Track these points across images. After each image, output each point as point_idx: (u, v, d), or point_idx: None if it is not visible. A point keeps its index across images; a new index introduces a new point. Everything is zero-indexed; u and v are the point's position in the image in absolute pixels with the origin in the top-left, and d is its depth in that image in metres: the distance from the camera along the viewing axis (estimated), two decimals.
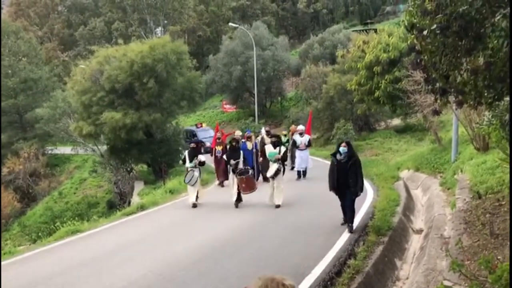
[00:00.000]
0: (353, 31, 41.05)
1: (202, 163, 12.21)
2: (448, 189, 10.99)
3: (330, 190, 8.60)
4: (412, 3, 5.61)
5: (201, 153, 12.41)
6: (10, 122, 41.07)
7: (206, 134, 29.55)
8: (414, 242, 8.58)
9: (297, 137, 15.83)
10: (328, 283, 6.08)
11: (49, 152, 40.58)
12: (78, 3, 60.11)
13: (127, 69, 24.32)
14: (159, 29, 54.41)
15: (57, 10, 63.93)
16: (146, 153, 26.14)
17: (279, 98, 41.52)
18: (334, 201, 8.93)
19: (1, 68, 37.81)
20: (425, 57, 5.71)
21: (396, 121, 28.21)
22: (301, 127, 16.36)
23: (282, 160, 11.37)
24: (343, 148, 8.37)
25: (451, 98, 6.98)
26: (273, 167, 11.15)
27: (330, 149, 24.30)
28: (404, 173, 16.06)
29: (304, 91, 32.79)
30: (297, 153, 15.75)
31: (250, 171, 11.49)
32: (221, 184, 15.43)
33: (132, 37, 45.30)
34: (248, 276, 6.24)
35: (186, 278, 6.59)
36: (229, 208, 11.45)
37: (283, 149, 11.48)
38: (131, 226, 10.73)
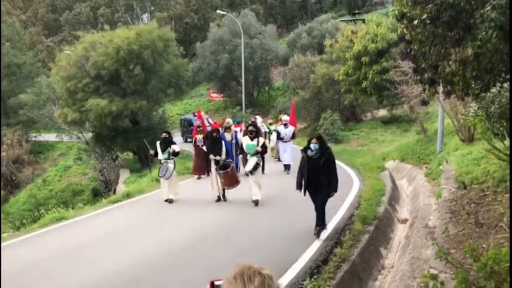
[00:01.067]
0: (342, 21, 41.07)
1: (176, 154, 11.23)
2: (433, 179, 11.10)
3: (297, 188, 7.69)
4: None
5: (173, 143, 11.37)
6: None
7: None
8: (399, 232, 8.67)
9: (281, 128, 15.14)
10: (315, 271, 6.11)
11: (33, 138, 40.00)
12: None
13: (113, 56, 23.99)
14: (145, 16, 53.82)
15: None
16: (132, 141, 25.90)
17: (267, 88, 41.43)
18: None
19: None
20: (415, 47, 5.72)
21: (383, 112, 28.41)
22: (285, 118, 15.60)
23: (262, 153, 10.42)
24: (314, 145, 7.41)
25: (439, 89, 7.03)
26: (251, 161, 10.16)
27: None
28: (389, 164, 16.22)
29: (291, 80, 32.79)
30: (281, 145, 15.22)
31: (232, 165, 10.58)
32: (199, 177, 14.63)
33: (119, 23, 44.70)
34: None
35: (174, 265, 6.57)
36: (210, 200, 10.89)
37: (261, 140, 10.41)
38: (117, 214, 10.66)
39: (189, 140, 25.17)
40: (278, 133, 15.15)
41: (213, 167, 10.81)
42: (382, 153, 19.11)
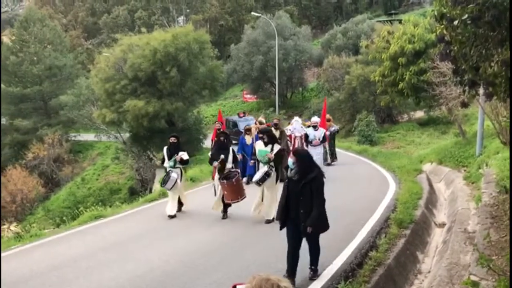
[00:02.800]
0: (377, 21, 40.51)
1: (184, 162, 9.95)
2: (472, 183, 10.80)
3: (276, 219, 6.21)
4: None
5: (181, 150, 10.07)
6: (35, 108, 41.86)
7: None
8: (437, 236, 8.48)
9: (310, 131, 13.66)
10: (350, 274, 6.06)
11: (73, 138, 41.28)
12: None
13: (150, 58, 24.52)
14: (181, 18, 54.54)
15: None
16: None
17: (300, 89, 41.31)
18: (353, 209, 8.84)
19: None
20: (455, 48, 5.59)
21: (419, 114, 27.83)
22: (315, 119, 14.15)
23: (276, 161, 8.63)
24: (290, 161, 5.79)
25: (480, 90, 6.84)
26: (261, 170, 8.77)
27: (351, 141, 24.22)
28: (426, 166, 15.86)
29: (326, 81, 32.56)
30: (310, 150, 12.79)
31: (238, 175, 9.06)
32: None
33: (155, 26, 45.48)
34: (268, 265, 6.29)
35: (207, 265, 6.65)
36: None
37: (276, 147, 8.71)
38: (153, 212, 10.84)
39: (233, 142, 25.23)
40: (307, 137, 13.54)
41: (216, 175, 9.45)
42: (418, 155, 18.71)
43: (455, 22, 5.21)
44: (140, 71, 24.48)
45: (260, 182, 8.49)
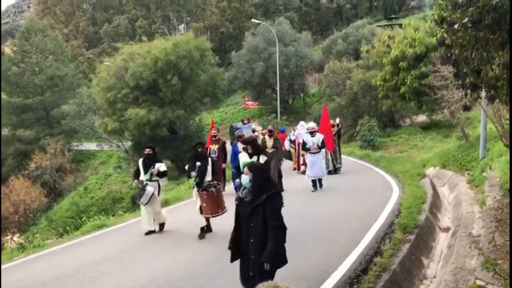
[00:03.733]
0: (378, 26, 40.61)
1: (161, 174, 9.16)
2: (476, 186, 10.74)
3: (228, 248, 5.06)
4: None
5: (159, 161, 9.27)
6: (37, 118, 42.05)
7: None
8: (441, 241, 8.42)
9: (307, 137, 12.49)
10: (355, 280, 6.01)
11: (75, 148, 41.41)
12: (103, 0, 61.02)
13: (151, 66, 24.61)
14: (182, 26, 54.86)
15: (82, 8, 65.18)
16: (170, 149, 26.40)
17: (302, 95, 41.37)
18: (357, 215, 8.78)
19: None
20: (456, 52, 5.58)
21: (422, 118, 27.78)
22: (311, 125, 12.99)
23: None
24: (244, 177, 4.77)
25: (482, 93, 6.82)
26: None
27: (353, 146, 24.17)
28: (430, 171, 15.80)
29: (327, 87, 32.58)
30: (308, 157, 12.51)
31: (218, 186, 8.46)
32: None
33: (156, 34, 45.76)
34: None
35: (210, 273, 6.61)
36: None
37: (262, 159, 8.18)
38: None
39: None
40: (304, 144, 12.60)
41: (194, 188, 8.78)
42: (421, 159, 18.65)
43: (456, 26, 5.21)
44: (142, 79, 24.57)
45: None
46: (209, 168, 8.64)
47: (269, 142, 11.36)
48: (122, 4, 59.12)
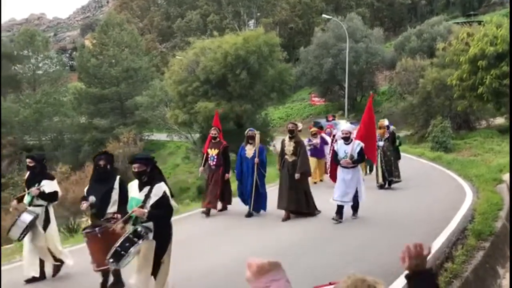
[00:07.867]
0: (455, 23, 38.77)
1: (49, 197, 6.14)
2: None
3: None
4: None
5: (47, 177, 6.29)
6: (112, 108, 44.20)
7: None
8: None
9: (340, 145, 9.01)
10: None
11: (146, 137, 43.04)
12: None
13: (221, 61, 25.06)
14: (252, 22, 55.36)
15: (157, 3, 67.62)
16: (236, 143, 26.70)
17: (371, 92, 40.33)
18: (427, 219, 8.46)
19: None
20: None
21: (500, 120, 26.21)
22: (347, 127, 9.39)
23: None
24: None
25: None
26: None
27: (424, 147, 23.29)
28: (507, 176, 14.88)
29: (398, 85, 31.62)
30: (339, 172, 8.90)
31: (113, 222, 5.23)
32: (206, 212, 10.00)
33: (226, 30, 46.53)
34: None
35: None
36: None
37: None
38: (219, 212, 11.02)
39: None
40: (335, 154, 9.12)
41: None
42: (498, 164, 17.57)
43: None
44: (212, 73, 25.09)
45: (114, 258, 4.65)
46: (115, 194, 5.82)
47: (289, 147, 8.97)
48: None
